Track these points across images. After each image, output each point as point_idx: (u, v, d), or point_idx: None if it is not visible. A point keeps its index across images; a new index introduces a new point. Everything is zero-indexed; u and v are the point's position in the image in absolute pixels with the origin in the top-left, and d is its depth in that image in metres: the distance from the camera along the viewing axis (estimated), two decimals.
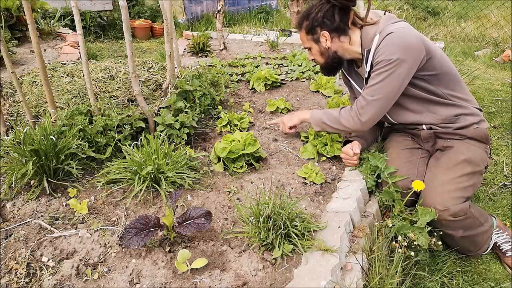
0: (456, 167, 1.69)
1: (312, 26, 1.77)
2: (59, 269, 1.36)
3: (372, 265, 1.47)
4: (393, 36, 1.60)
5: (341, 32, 1.74)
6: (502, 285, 1.73)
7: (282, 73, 3.40)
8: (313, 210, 1.70)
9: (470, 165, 1.70)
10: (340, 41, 1.77)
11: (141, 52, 4.98)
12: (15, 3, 3.79)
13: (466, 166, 1.69)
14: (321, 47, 1.81)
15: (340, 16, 1.71)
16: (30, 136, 1.72)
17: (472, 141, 1.78)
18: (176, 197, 1.55)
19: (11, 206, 1.67)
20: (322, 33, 1.76)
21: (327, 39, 1.77)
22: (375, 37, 1.66)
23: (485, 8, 6.02)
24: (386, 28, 1.64)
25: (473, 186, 1.70)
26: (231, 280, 1.34)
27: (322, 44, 1.79)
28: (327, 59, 1.84)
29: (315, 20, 1.74)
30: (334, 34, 1.75)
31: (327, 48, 1.80)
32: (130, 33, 1.85)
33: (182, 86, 2.31)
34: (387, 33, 1.61)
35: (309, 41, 1.83)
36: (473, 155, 1.73)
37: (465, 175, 1.67)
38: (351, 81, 1.99)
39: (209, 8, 6.30)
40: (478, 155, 1.75)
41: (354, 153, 1.93)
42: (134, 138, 2.08)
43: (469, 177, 1.68)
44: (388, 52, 1.60)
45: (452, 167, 1.70)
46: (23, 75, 2.69)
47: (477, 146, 1.77)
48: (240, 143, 1.97)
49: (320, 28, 1.75)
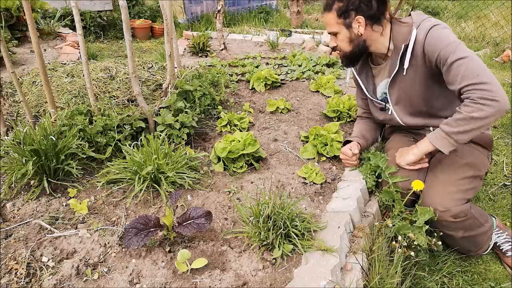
0: (458, 169, 1.69)
1: (346, 9, 1.63)
2: (59, 269, 1.36)
3: (372, 265, 1.47)
4: (439, 28, 1.54)
5: (375, 21, 1.63)
6: (502, 285, 1.73)
7: (282, 73, 3.40)
8: (313, 210, 1.70)
9: (472, 169, 1.69)
10: (373, 30, 1.66)
11: (141, 52, 4.98)
12: (15, 3, 3.79)
13: (468, 169, 1.69)
14: (351, 33, 1.68)
15: (378, 4, 1.60)
16: (30, 136, 1.72)
17: (476, 145, 1.77)
18: (176, 197, 1.55)
19: (11, 206, 1.67)
20: (357, 18, 1.63)
21: (360, 25, 1.64)
22: (412, 31, 1.58)
23: (485, 8, 6.02)
24: (424, 23, 1.57)
25: (474, 189, 1.70)
26: (231, 280, 1.34)
27: (354, 30, 1.66)
28: (355, 47, 1.71)
29: (351, 3, 1.61)
30: (369, 22, 1.63)
31: (358, 35, 1.67)
32: (130, 33, 1.85)
33: (182, 86, 2.31)
34: (431, 25, 1.54)
35: (339, 24, 1.68)
36: (476, 159, 1.72)
37: (466, 178, 1.67)
38: (359, 81, 1.93)
39: (209, 8, 6.30)
40: (480, 160, 1.74)
41: (353, 153, 1.91)
42: (134, 138, 2.08)
43: (470, 180, 1.68)
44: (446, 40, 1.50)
45: (454, 169, 1.69)
46: (23, 75, 2.69)
47: (480, 152, 1.77)
48: (240, 143, 1.97)
49: (355, 12, 1.62)
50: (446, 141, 1.55)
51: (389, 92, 1.80)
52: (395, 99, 1.79)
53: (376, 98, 1.89)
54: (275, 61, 3.71)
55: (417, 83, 1.68)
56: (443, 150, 1.57)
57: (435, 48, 1.51)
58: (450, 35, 1.51)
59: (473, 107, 1.44)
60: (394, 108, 1.83)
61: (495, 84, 1.42)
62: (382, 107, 1.88)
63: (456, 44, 1.47)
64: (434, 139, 1.58)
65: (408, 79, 1.69)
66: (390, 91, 1.79)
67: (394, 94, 1.78)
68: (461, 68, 1.44)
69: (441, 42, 1.50)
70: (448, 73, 1.50)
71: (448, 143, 1.55)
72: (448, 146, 1.56)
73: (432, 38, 1.53)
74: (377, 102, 1.88)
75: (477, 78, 1.43)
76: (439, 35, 1.52)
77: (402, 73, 1.69)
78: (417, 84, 1.68)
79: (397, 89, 1.76)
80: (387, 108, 1.86)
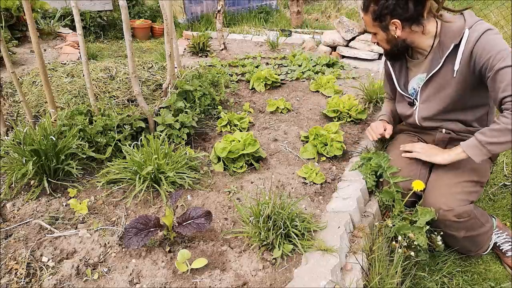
0: (463, 172, 1.68)
1: (381, 13, 1.60)
2: (59, 269, 1.36)
3: (372, 265, 1.47)
4: (493, 33, 1.49)
5: (414, 21, 1.59)
6: (502, 285, 1.73)
7: (282, 73, 3.40)
8: (313, 210, 1.70)
9: (476, 175, 1.69)
10: (412, 30, 1.62)
11: (141, 52, 4.98)
12: (15, 3, 3.79)
13: (473, 174, 1.68)
14: (389, 35, 1.67)
15: (415, 5, 1.55)
16: (30, 136, 1.72)
17: None
18: (176, 197, 1.55)
19: (11, 206, 1.67)
20: (393, 21, 1.60)
21: (397, 28, 1.61)
22: (464, 31, 1.52)
23: (485, 8, 6.02)
24: (478, 25, 1.51)
25: (477, 193, 1.70)
26: (231, 280, 1.34)
27: (391, 32, 1.64)
28: (393, 47, 1.71)
29: (385, 7, 1.57)
30: (406, 23, 1.59)
31: (395, 37, 1.66)
32: (130, 33, 1.85)
33: (182, 86, 2.31)
34: (486, 28, 1.49)
35: (375, 27, 1.68)
36: (480, 166, 1.71)
37: (471, 181, 1.67)
38: (391, 72, 1.88)
39: (209, 8, 6.30)
40: (483, 168, 1.74)
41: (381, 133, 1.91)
42: (134, 138, 2.08)
43: (474, 184, 1.68)
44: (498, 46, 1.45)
45: (459, 172, 1.68)
46: (23, 75, 2.69)
47: (485, 160, 1.76)
48: (240, 143, 1.97)
49: (390, 16, 1.59)
50: (478, 150, 1.53)
51: (422, 88, 1.76)
52: (425, 97, 1.76)
53: (406, 92, 1.85)
54: (275, 61, 3.71)
55: (453, 85, 1.63)
56: (474, 158, 1.55)
57: (486, 53, 1.46)
58: (503, 43, 1.47)
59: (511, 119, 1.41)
60: (419, 106, 1.79)
61: None
62: (410, 101, 1.84)
63: (508, 52, 1.42)
64: (467, 148, 1.56)
65: (446, 79, 1.65)
66: (423, 88, 1.75)
67: (426, 92, 1.75)
68: (508, 76, 1.40)
69: (493, 48, 1.45)
70: (493, 79, 1.45)
71: (481, 152, 1.53)
72: (480, 156, 1.53)
73: (484, 42, 1.48)
74: (407, 96, 1.85)
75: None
76: (492, 40, 1.47)
77: (442, 72, 1.64)
78: (453, 86, 1.64)
79: (430, 87, 1.72)
80: (415, 104, 1.82)
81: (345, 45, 3.98)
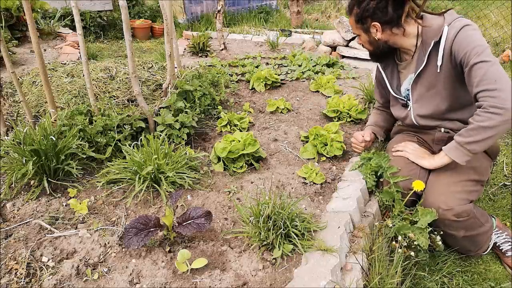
0: (463, 172, 1.68)
1: (362, 16, 1.67)
2: (59, 269, 1.36)
3: (372, 265, 1.47)
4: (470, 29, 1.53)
5: (394, 24, 1.64)
6: (502, 285, 1.73)
7: (282, 73, 3.40)
8: (313, 210, 1.70)
9: (476, 173, 1.69)
10: (393, 33, 1.67)
11: (141, 52, 4.98)
12: (15, 3, 3.79)
13: (473, 173, 1.69)
14: (370, 37, 1.73)
15: (394, 8, 1.60)
16: (30, 136, 1.72)
17: (482, 152, 1.75)
18: (176, 197, 1.55)
19: (11, 206, 1.67)
20: (373, 24, 1.66)
21: (378, 30, 1.68)
22: (443, 28, 1.56)
23: (485, 8, 6.02)
24: (456, 22, 1.55)
25: (477, 193, 1.70)
26: (231, 280, 1.34)
27: (372, 34, 1.71)
28: (375, 48, 1.77)
29: (366, 10, 1.64)
30: (386, 26, 1.65)
31: (376, 40, 1.72)
32: (130, 33, 1.85)
33: (182, 86, 2.31)
34: (463, 24, 1.52)
35: (358, 29, 1.75)
36: (480, 165, 1.72)
37: (470, 181, 1.67)
38: (383, 75, 1.92)
39: (209, 8, 6.30)
40: (484, 167, 1.74)
41: (364, 140, 1.98)
42: (134, 138, 2.08)
43: (474, 183, 1.68)
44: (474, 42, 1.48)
45: (459, 171, 1.68)
46: (23, 75, 2.69)
47: (485, 158, 1.77)
48: (240, 143, 1.97)
49: (371, 19, 1.65)
50: (459, 151, 1.56)
51: (412, 88, 1.78)
52: (416, 96, 1.78)
53: (400, 94, 1.88)
54: (275, 61, 3.71)
55: (441, 81, 1.67)
56: (458, 160, 1.58)
57: (462, 48, 1.50)
58: (480, 38, 1.49)
59: (483, 116, 1.44)
60: (413, 106, 1.81)
61: (508, 91, 1.39)
62: (404, 103, 1.87)
63: (484, 48, 1.45)
64: (449, 151, 1.60)
65: (432, 76, 1.68)
66: (413, 87, 1.78)
67: (417, 91, 1.77)
68: (481, 72, 1.43)
69: (469, 44, 1.48)
70: (468, 74, 1.49)
71: (462, 153, 1.56)
72: (462, 156, 1.56)
73: (461, 37, 1.52)
74: (400, 98, 1.88)
75: (493, 84, 1.42)
76: (469, 35, 1.50)
77: (428, 70, 1.68)
78: (441, 82, 1.67)
79: (420, 86, 1.75)
80: (408, 105, 1.85)
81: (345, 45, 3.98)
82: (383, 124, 2.11)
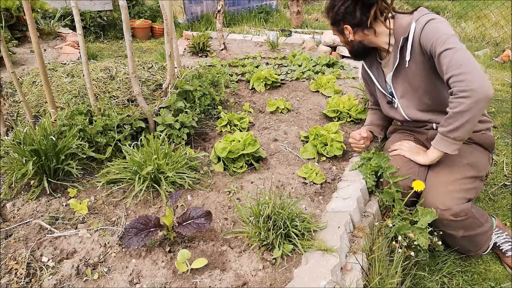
0: (459, 169, 1.69)
1: (335, 20, 1.79)
2: (59, 269, 1.36)
3: (372, 265, 1.47)
4: (436, 21, 1.58)
5: (364, 26, 1.73)
6: (502, 285, 1.73)
7: (282, 73, 3.40)
8: (313, 210, 1.70)
9: (473, 169, 1.70)
10: (365, 34, 1.76)
11: (141, 52, 4.98)
12: (15, 3, 3.79)
13: (470, 169, 1.69)
14: (345, 38, 1.84)
15: (362, 12, 1.70)
16: (30, 136, 1.72)
17: (477, 146, 1.78)
18: (176, 197, 1.55)
19: (11, 206, 1.67)
20: (345, 26, 1.77)
21: (350, 32, 1.78)
22: (411, 24, 1.63)
23: (485, 8, 6.02)
24: (423, 17, 1.61)
25: (475, 190, 1.70)
26: (231, 280, 1.34)
27: (346, 36, 1.82)
28: (351, 48, 1.87)
29: (337, 14, 1.75)
30: (357, 28, 1.75)
31: (350, 41, 1.82)
32: (130, 33, 1.85)
33: (182, 86, 2.31)
34: (429, 19, 1.58)
35: (335, 31, 1.87)
36: (477, 160, 1.73)
37: (467, 178, 1.67)
38: (370, 74, 1.97)
39: (209, 8, 6.30)
40: (481, 161, 1.75)
41: (361, 136, 2.01)
42: (134, 138, 2.08)
43: (471, 180, 1.68)
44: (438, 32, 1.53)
45: (455, 168, 1.69)
46: (23, 75, 2.69)
47: (481, 152, 1.78)
48: (240, 143, 1.97)
49: (342, 22, 1.77)
50: (445, 142, 1.59)
51: (394, 85, 1.85)
52: (400, 92, 1.83)
53: (387, 91, 1.93)
54: (275, 61, 3.71)
55: (419, 75, 1.71)
56: (447, 151, 1.60)
57: (429, 41, 1.56)
58: (445, 28, 1.54)
59: (455, 102, 1.47)
60: (399, 102, 1.86)
61: (473, 73, 1.42)
62: (389, 100, 1.93)
63: (448, 36, 1.50)
64: (437, 143, 1.64)
65: (411, 71, 1.73)
66: (394, 85, 1.84)
67: (399, 87, 1.83)
68: (447, 59, 1.48)
69: (434, 35, 1.54)
70: (438, 64, 1.54)
71: (448, 143, 1.59)
72: (450, 146, 1.59)
73: (427, 30, 1.57)
74: (388, 96, 1.93)
75: (459, 68, 1.45)
76: (434, 27, 1.56)
77: (404, 66, 1.73)
78: (419, 76, 1.71)
79: (401, 82, 1.80)
80: (394, 102, 1.90)
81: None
82: (379, 122, 2.15)
